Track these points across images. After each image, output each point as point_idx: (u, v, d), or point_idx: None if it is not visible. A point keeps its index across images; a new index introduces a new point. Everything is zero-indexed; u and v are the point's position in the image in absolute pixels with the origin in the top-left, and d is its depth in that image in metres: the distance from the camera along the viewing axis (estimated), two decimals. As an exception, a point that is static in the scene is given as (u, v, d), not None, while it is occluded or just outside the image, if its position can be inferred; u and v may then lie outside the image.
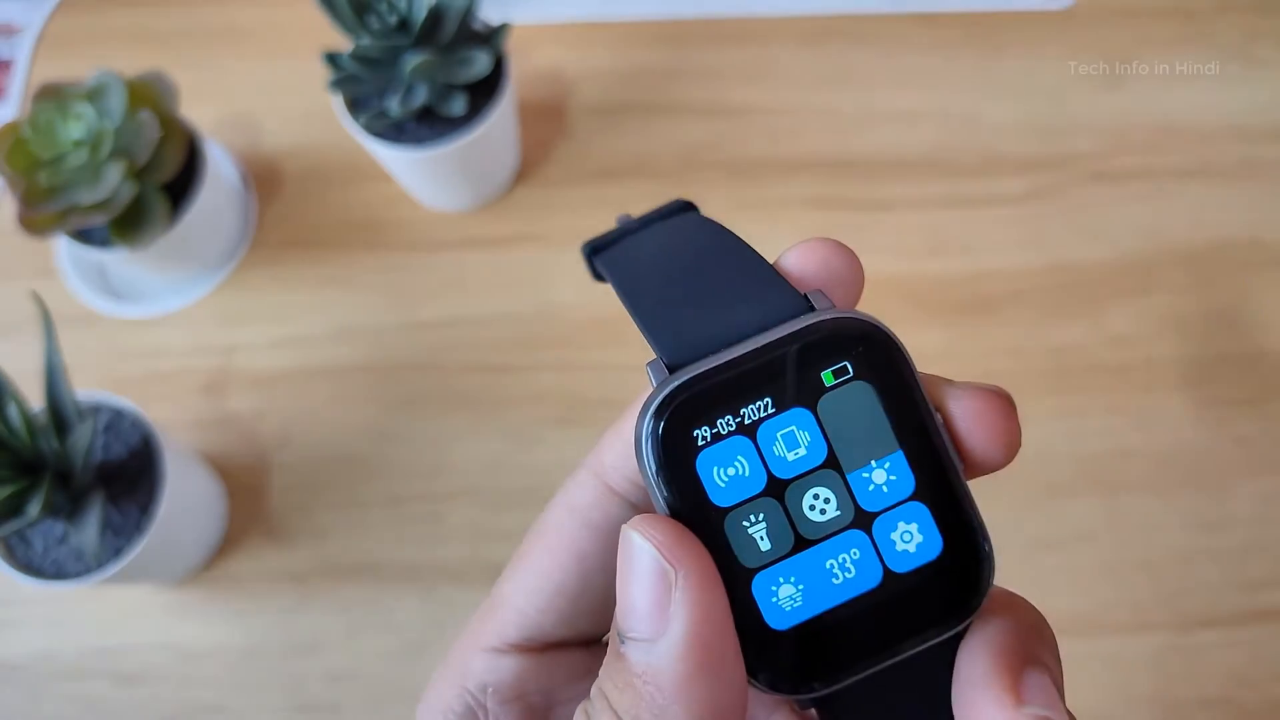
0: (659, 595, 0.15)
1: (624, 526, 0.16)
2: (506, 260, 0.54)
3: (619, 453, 0.20)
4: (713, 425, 0.17)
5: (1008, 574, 0.21)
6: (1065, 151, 0.56)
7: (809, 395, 0.17)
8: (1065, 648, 0.17)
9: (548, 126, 0.58)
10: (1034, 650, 0.16)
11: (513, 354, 0.52)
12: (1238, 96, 0.57)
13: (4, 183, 0.50)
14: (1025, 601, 0.17)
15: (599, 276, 0.23)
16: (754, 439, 0.17)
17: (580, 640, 0.21)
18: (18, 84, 0.61)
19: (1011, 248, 0.54)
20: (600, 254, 0.22)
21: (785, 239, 0.20)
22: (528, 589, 0.20)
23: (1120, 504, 0.48)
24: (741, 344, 0.17)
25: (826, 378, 0.17)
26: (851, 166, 0.56)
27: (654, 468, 0.17)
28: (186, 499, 0.45)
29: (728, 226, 0.20)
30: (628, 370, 0.51)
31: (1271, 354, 0.51)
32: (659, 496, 0.17)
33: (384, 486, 0.50)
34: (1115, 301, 0.52)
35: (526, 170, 0.56)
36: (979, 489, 0.17)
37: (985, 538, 0.17)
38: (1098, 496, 0.48)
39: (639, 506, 0.20)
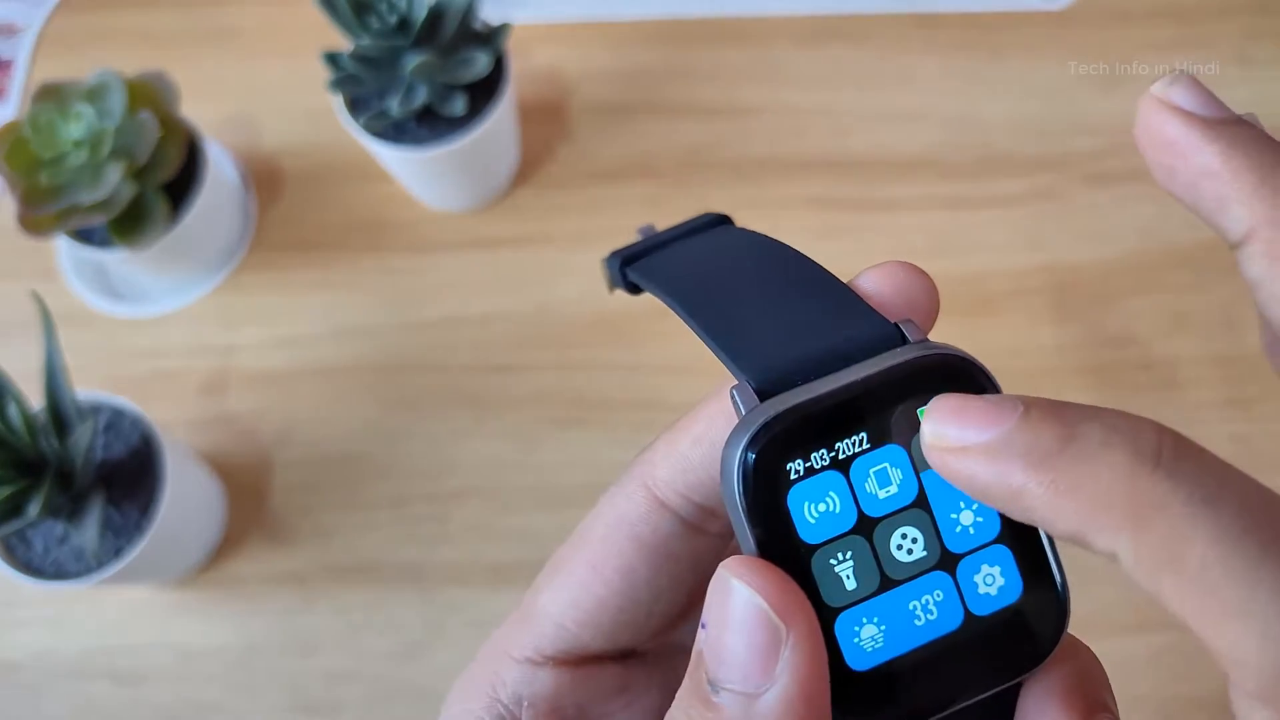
0: (766, 649, 0.15)
1: (721, 568, 0.16)
2: (506, 260, 0.54)
3: (672, 466, 0.19)
4: (806, 459, 0.16)
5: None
6: (1065, 152, 0.56)
7: (904, 432, 0.16)
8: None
9: (548, 126, 0.58)
10: (1098, 694, 0.17)
11: (513, 354, 0.52)
12: (1237, 97, 0.57)
13: (4, 183, 0.50)
14: (1084, 645, 0.18)
15: (627, 287, 0.22)
16: (847, 475, 0.16)
17: (618, 654, 0.20)
18: (18, 84, 0.61)
19: (1011, 248, 0.54)
20: (634, 265, 0.21)
21: (786, 239, 0.20)
22: (568, 602, 0.19)
23: (1120, 504, 0.48)
24: (837, 375, 0.17)
25: (922, 414, 0.16)
26: (851, 166, 0.56)
27: (744, 500, 0.16)
28: (186, 499, 0.45)
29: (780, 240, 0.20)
30: (628, 370, 0.51)
31: (1271, 354, 0.51)
32: (747, 530, 0.16)
33: (384, 487, 0.50)
34: (1115, 301, 0.52)
35: (526, 170, 0.56)
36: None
37: (1064, 582, 0.17)
38: (1097, 496, 0.48)
39: (690, 522, 0.19)
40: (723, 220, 0.23)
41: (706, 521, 0.19)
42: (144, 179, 0.48)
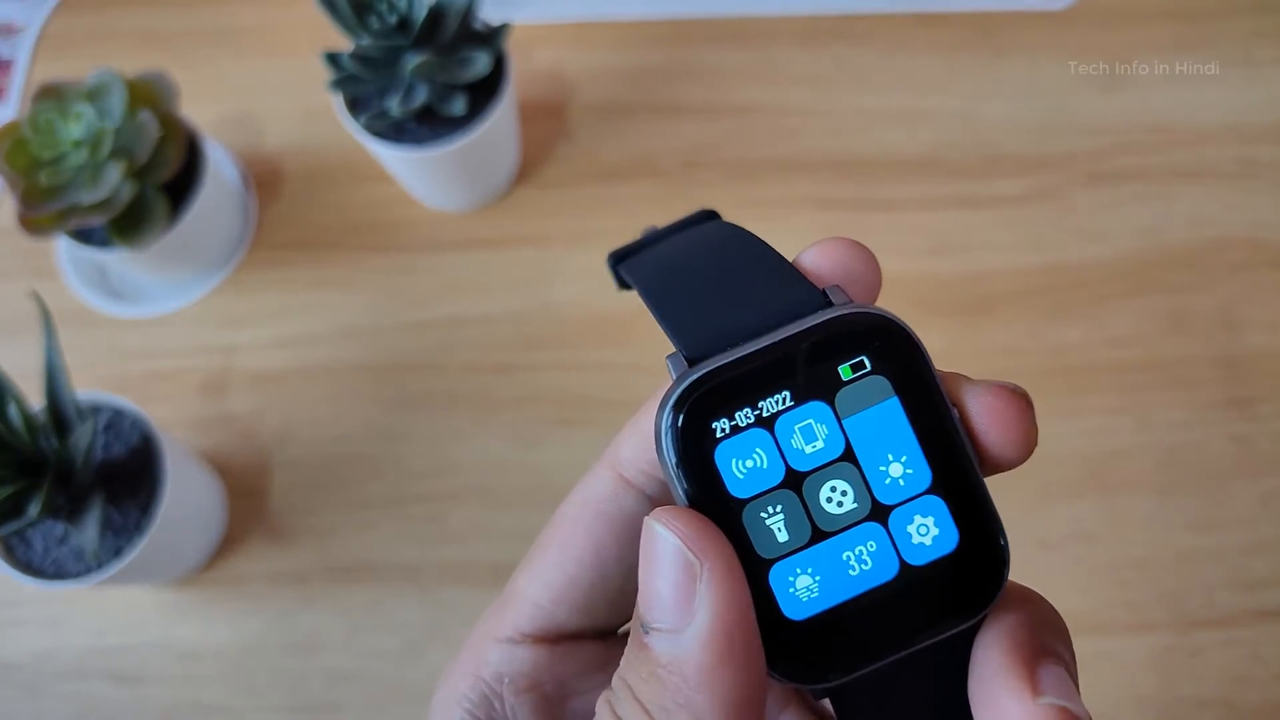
0: (684, 586, 0.16)
1: (647, 518, 0.16)
2: (506, 260, 0.54)
3: (635, 446, 0.20)
4: (731, 418, 0.17)
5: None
6: (1065, 151, 0.56)
7: (827, 389, 0.17)
8: (1074, 647, 0.18)
9: (548, 126, 0.58)
10: (1050, 643, 0.17)
11: (513, 354, 0.52)
12: (1237, 97, 0.57)
13: (4, 183, 0.50)
14: (1039, 595, 0.18)
15: (625, 285, 0.23)
16: (772, 431, 0.17)
17: (595, 631, 0.21)
18: (18, 84, 0.61)
19: (1011, 248, 0.54)
20: (625, 262, 0.22)
21: (786, 239, 0.20)
22: (543, 581, 0.20)
23: (1120, 504, 0.48)
24: (760, 338, 0.17)
25: (844, 372, 0.17)
26: (852, 166, 0.56)
27: (673, 459, 0.17)
28: (186, 499, 0.45)
29: (746, 228, 0.21)
30: (628, 370, 0.51)
31: (1270, 354, 0.51)
32: (678, 487, 0.17)
33: (384, 487, 0.50)
34: (1115, 301, 0.52)
35: (526, 170, 0.56)
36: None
37: (1001, 532, 0.17)
38: (1097, 496, 0.48)
39: (655, 499, 0.20)
40: (711, 215, 0.24)
41: (669, 498, 0.20)
42: (144, 179, 0.48)
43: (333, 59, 0.48)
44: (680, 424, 0.17)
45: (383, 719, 0.46)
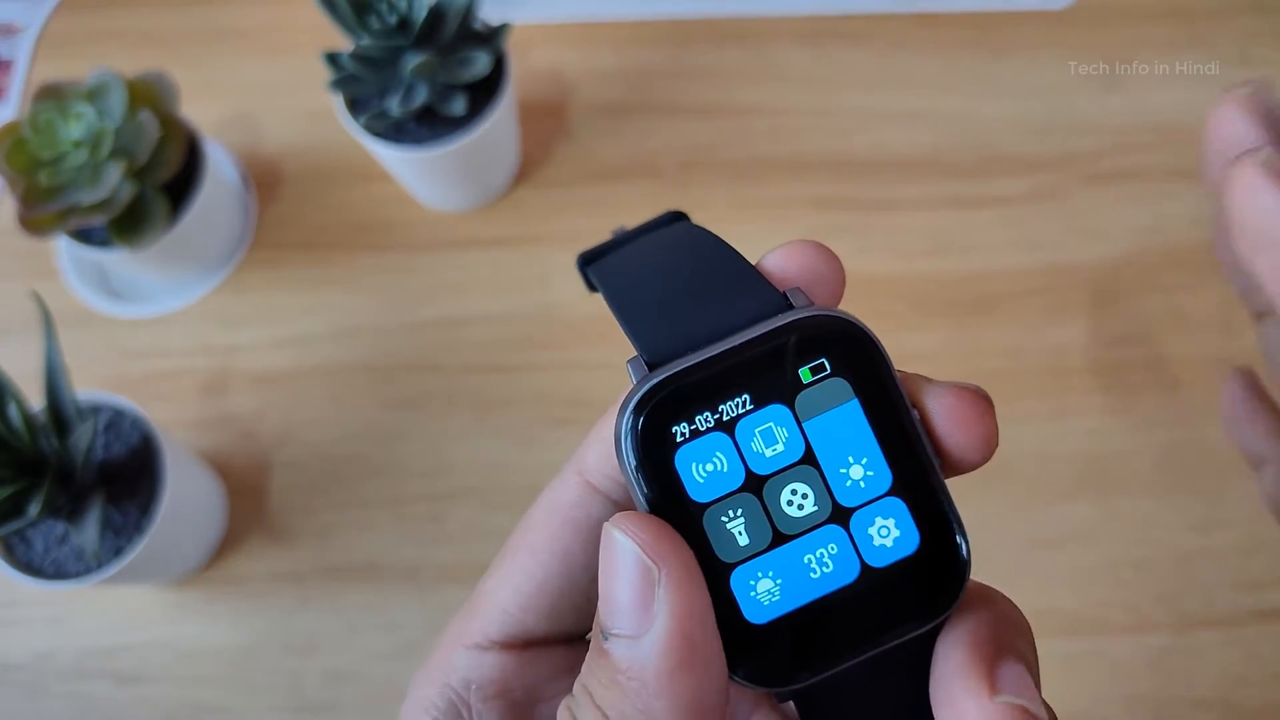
0: (642, 592, 0.16)
1: (606, 524, 0.16)
2: (506, 260, 0.54)
3: (600, 451, 0.20)
4: (691, 422, 0.17)
5: (1005, 574, 0.21)
6: (1065, 151, 0.56)
7: (787, 392, 0.17)
8: (1063, 648, 0.18)
9: (548, 126, 0.58)
10: (1010, 641, 0.17)
11: (513, 354, 0.52)
12: (1237, 97, 0.57)
13: (4, 183, 0.50)
14: (1002, 595, 0.18)
15: (593, 287, 0.23)
16: (732, 435, 0.17)
17: (563, 637, 0.21)
18: (18, 84, 0.61)
19: (1011, 248, 0.54)
20: (592, 264, 0.22)
21: (786, 239, 0.20)
22: (511, 587, 0.20)
23: (1118, 504, 0.48)
24: (720, 342, 0.17)
25: (804, 374, 0.17)
26: (851, 166, 0.56)
27: (633, 464, 0.17)
28: (186, 499, 0.45)
29: (713, 231, 0.20)
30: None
31: (1271, 354, 0.51)
32: (638, 492, 0.17)
33: (384, 487, 0.50)
34: (1115, 301, 0.52)
35: (526, 170, 0.56)
36: (976, 488, 0.18)
37: (962, 533, 0.17)
38: (1096, 496, 0.48)
39: (621, 504, 0.20)
40: (679, 216, 0.24)
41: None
42: (144, 179, 0.48)
43: (333, 59, 0.48)
44: (640, 428, 0.17)
45: (381, 719, 0.46)
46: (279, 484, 0.50)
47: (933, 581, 0.17)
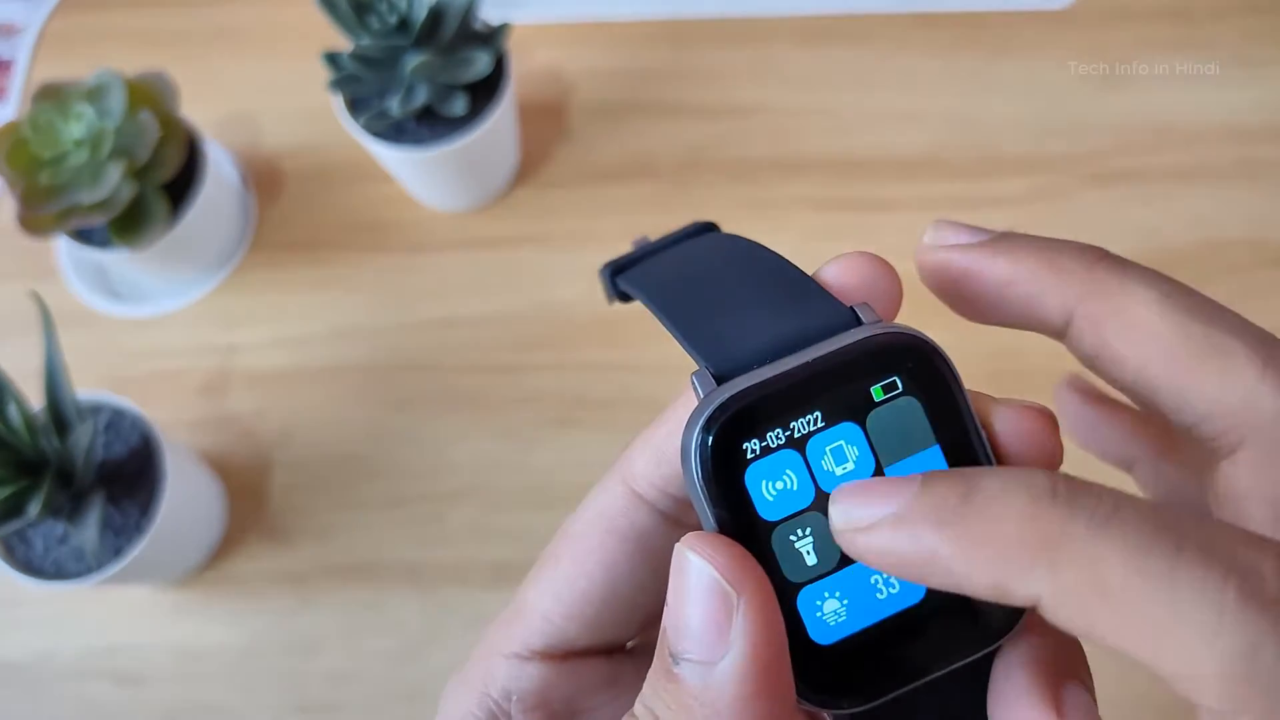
0: (718, 617, 0.15)
1: (678, 545, 0.16)
2: (506, 260, 0.54)
3: (649, 460, 0.19)
4: (762, 438, 0.16)
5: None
6: (1065, 152, 0.56)
7: (858, 410, 0.17)
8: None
9: (548, 126, 0.58)
10: (1072, 664, 0.17)
11: (513, 354, 0.52)
12: (1237, 97, 0.57)
13: (4, 183, 0.50)
14: None
15: (622, 297, 0.22)
16: (803, 453, 0.16)
17: (604, 648, 0.21)
18: (18, 84, 0.61)
19: (1011, 248, 0.54)
20: (623, 274, 0.22)
21: (786, 239, 0.20)
22: (553, 596, 0.20)
23: (1120, 504, 0.48)
24: (791, 357, 0.17)
25: (876, 393, 0.17)
26: (852, 167, 0.56)
27: (703, 480, 0.16)
28: (186, 499, 0.45)
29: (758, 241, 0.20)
30: (628, 370, 0.51)
31: (1271, 354, 0.51)
32: (707, 509, 0.16)
33: (384, 487, 0.50)
34: (1115, 302, 0.52)
35: (526, 170, 0.56)
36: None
37: None
38: (1097, 497, 0.48)
39: (668, 515, 0.19)
40: (709, 227, 0.23)
41: (684, 514, 0.19)
42: (144, 179, 0.48)
43: (333, 59, 0.48)
44: (710, 444, 0.16)
45: (382, 719, 0.46)
46: (279, 484, 0.50)
47: (996, 604, 0.17)
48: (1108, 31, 0.59)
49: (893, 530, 0.14)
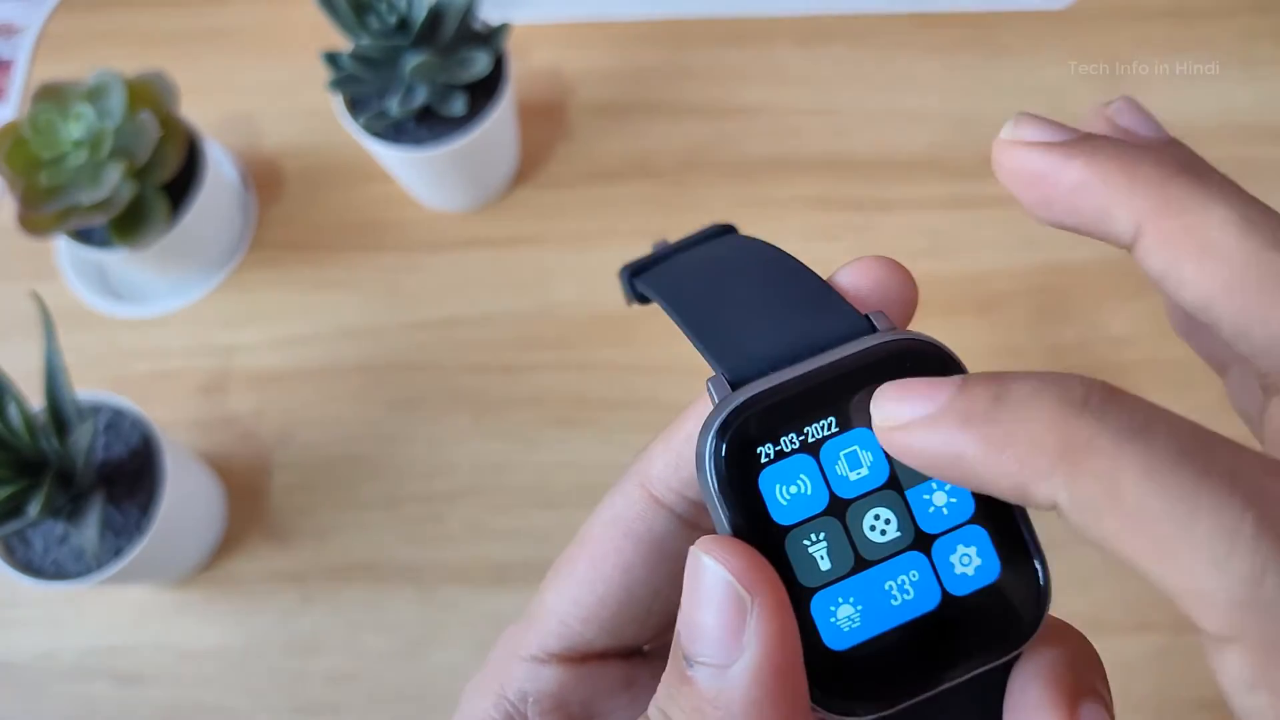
0: (732, 620, 0.15)
1: (693, 548, 0.16)
2: (506, 260, 0.54)
3: (666, 463, 0.19)
4: (776, 443, 0.16)
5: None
6: (1065, 152, 0.56)
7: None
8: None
9: (548, 126, 0.58)
10: (1089, 680, 0.16)
11: (513, 354, 0.52)
12: (1238, 97, 0.57)
13: (4, 183, 0.50)
14: (1076, 630, 0.17)
15: (640, 299, 0.22)
16: (817, 458, 0.17)
17: (621, 651, 0.21)
18: (18, 84, 0.61)
19: (1011, 248, 0.54)
20: (641, 276, 0.22)
21: (786, 239, 0.20)
22: (570, 599, 0.20)
23: (1120, 504, 0.48)
24: (805, 362, 0.17)
25: None
26: (851, 166, 0.56)
27: (717, 485, 0.16)
28: (186, 499, 0.45)
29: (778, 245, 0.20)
30: (628, 370, 0.51)
31: (1271, 354, 0.51)
32: (721, 513, 0.16)
33: (384, 486, 0.50)
34: (1115, 301, 0.52)
35: (526, 170, 0.57)
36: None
37: (1043, 563, 0.17)
38: (1097, 496, 0.48)
39: (685, 519, 0.20)
40: (727, 229, 0.23)
41: (701, 518, 0.19)
42: (144, 179, 0.48)
43: (332, 59, 0.48)
44: (725, 449, 0.16)
45: (382, 719, 0.46)
46: (279, 484, 0.50)
47: (1013, 611, 0.17)
48: (1108, 31, 0.59)
49: (926, 430, 0.15)
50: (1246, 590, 0.12)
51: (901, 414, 0.15)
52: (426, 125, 0.50)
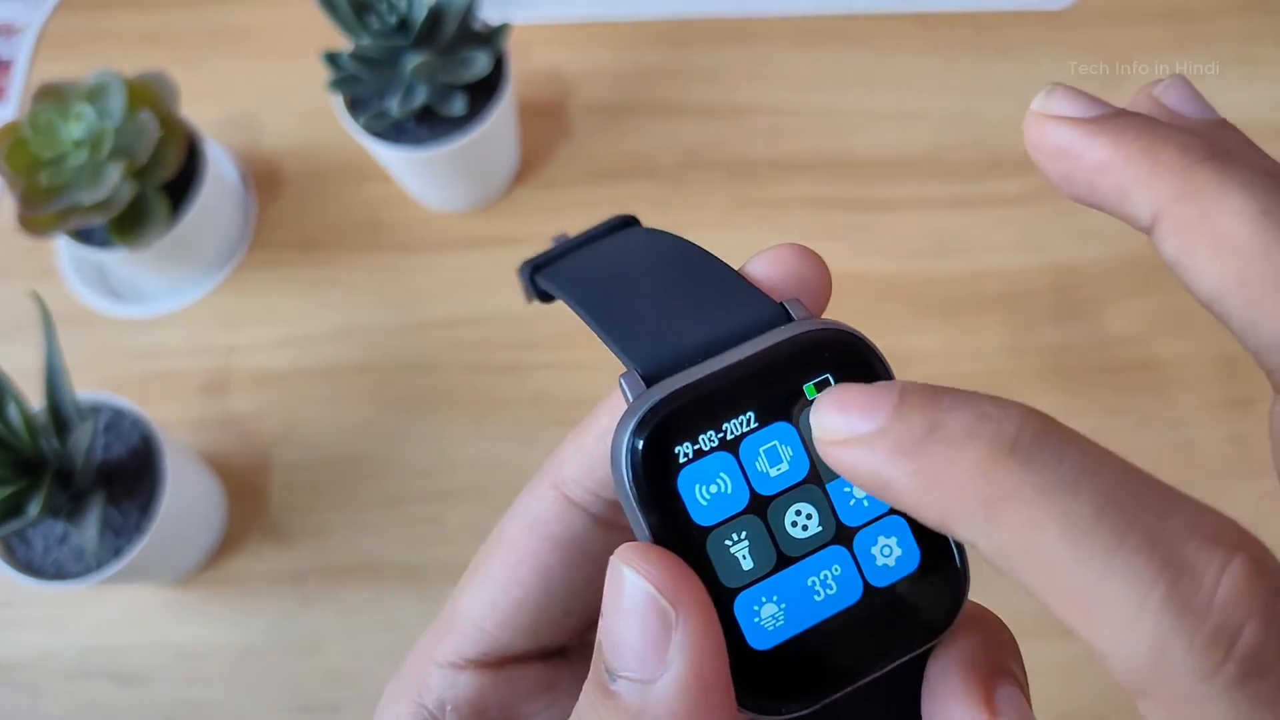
0: (656, 634, 0.15)
1: (613, 558, 0.16)
2: (507, 260, 0.54)
3: (580, 464, 0.19)
4: (694, 441, 0.16)
5: (1006, 575, 0.21)
6: (1065, 152, 0.56)
7: (791, 409, 0.16)
8: (1062, 649, 0.18)
9: (548, 126, 0.58)
10: (1004, 664, 0.16)
11: (513, 354, 0.52)
12: (1237, 97, 0.57)
13: (4, 183, 0.50)
14: (992, 614, 0.17)
15: (542, 296, 0.22)
16: (737, 455, 0.16)
17: (540, 653, 0.20)
18: (18, 84, 0.61)
19: (1011, 248, 0.54)
20: (542, 271, 0.21)
21: (786, 239, 0.20)
22: (487, 604, 0.20)
23: (1119, 504, 0.48)
24: (721, 356, 0.17)
25: (809, 390, 0.16)
26: (851, 166, 0.56)
27: (634, 487, 0.16)
28: (186, 499, 0.45)
29: (684, 236, 0.20)
30: (627, 370, 0.51)
31: (1271, 354, 0.51)
32: (639, 516, 0.16)
33: (384, 486, 0.50)
34: (1115, 301, 0.52)
35: (526, 170, 0.57)
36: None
37: (961, 550, 0.17)
38: (1097, 496, 0.48)
39: (602, 519, 0.19)
40: (630, 221, 0.23)
41: (618, 516, 0.19)
42: (144, 179, 0.48)
43: (333, 59, 0.48)
44: (641, 450, 0.16)
45: (382, 719, 0.46)
46: (279, 484, 0.50)
47: (932, 600, 0.17)
48: (1108, 31, 0.59)
49: (861, 451, 0.14)
50: (1151, 658, 0.12)
51: (840, 429, 0.15)
52: (426, 125, 0.50)
